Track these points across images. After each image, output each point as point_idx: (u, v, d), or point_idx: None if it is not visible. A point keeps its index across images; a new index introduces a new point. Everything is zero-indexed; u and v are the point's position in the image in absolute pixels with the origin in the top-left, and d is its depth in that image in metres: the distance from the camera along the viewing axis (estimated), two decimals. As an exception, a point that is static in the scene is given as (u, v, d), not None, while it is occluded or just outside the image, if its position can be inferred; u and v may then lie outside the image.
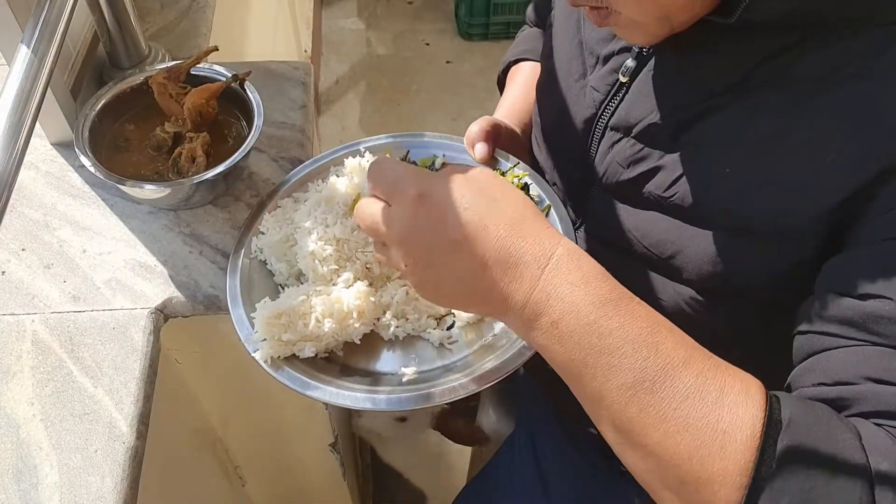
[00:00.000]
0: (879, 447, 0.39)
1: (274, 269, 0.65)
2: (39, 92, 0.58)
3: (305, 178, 0.71)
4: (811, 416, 0.41)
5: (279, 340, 0.58)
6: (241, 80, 0.78)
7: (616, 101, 0.60)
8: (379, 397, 0.55)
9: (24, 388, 0.62)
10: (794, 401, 0.42)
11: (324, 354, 0.60)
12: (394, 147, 0.72)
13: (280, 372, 0.57)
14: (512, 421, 0.91)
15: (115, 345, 0.65)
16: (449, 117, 2.34)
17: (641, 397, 0.42)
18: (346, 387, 0.56)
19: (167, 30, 0.98)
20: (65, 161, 0.81)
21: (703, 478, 0.40)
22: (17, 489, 0.57)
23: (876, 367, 0.42)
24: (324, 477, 1.09)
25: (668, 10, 0.50)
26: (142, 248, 0.74)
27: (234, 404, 0.93)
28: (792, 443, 0.39)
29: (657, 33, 0.52)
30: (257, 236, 0.67)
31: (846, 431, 0.40)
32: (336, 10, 2.77)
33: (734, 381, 0.42)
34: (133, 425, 0.61)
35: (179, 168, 0.74)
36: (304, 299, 0.59)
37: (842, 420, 0.41)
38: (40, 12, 0.61)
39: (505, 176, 0.68)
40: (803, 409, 0.41)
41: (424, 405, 0.55)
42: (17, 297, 0.69)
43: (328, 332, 0.59)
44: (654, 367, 0.42)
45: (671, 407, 0.41)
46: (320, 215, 0.64)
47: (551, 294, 0.45)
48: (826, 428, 0.40)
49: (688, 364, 0.42)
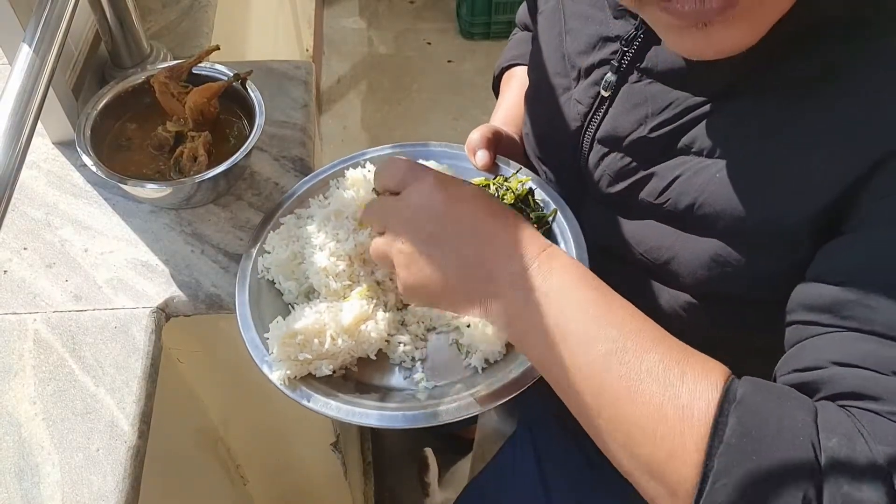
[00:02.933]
0: (834, 425, 0.39)
1: (283, 288, 0.65)
2: (41, 91, 0.58)
3: (306, 193, 0.71)
4: (764, 395, 0.41)
5: (295, 360, 0.57)
6: (242, 79, 0.78)
7: (600, 115, 0.60)
8: (394, 414, 0.55)
9: (26, 387, 0.62)
10: (753, 382, 0.42)
11: (340, 372, 0.60)
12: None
13: (297, 391, 0.57)
14: (513, 421, 0.91)
15: (117, 344, 0.65)
16: (450, 117, 2.34)
17: (615, 367, 0.44)
18: (361, 404, 0.56)
19: (169, 29, 0.98)
20: (66, 160, 0.81)
21: (666, 454, 0.41)
22: (19, 488, 0.57)
23: (841, 350, 0.42)
24: (325, 476, 1.09)
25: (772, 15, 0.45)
26: (143, 247, 0.74)
27: (235, 403, 0.93)
28: (741, 419, 0.40)
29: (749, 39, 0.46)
30: (263, 256, 0.66)
31: (800, 410, 0.40)
32: (337, 10, 2.77)
33: (696, 363, 0.43)
34: (134, 424, 0.61)
35: (181, 167, 0.74)
36: (317, 317, 0.58)
37: (800, 401, 0.41)
38: (42, 11, 0.61)
39: (508, 182, 0.67)
40: (758, 389, 0.42)
41: (434, 423, 0.55)
42: (18, 296, 0.69)
43: (343, 349, 0.58)
44: (628, 341, 0.45)
45: (638, 379, 0.43)
46: (331, 230, 0.63)
47: (551, 267, 0.49)
48: (778, 407, 0.40)
49: (656, 343, 0.44)
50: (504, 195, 0.65)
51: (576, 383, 0.46)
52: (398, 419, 0.55)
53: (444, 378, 0.60)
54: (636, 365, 0.44)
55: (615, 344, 0.45)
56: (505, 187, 0.66)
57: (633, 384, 0.43)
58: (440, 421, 0.55)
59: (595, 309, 0.47)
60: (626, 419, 0.44)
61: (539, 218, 0.65)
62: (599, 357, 0.45)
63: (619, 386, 0.44)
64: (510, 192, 0.66)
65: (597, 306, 0.47)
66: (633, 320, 0.46)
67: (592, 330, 0.46)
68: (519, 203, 0.66)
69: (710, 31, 0.44)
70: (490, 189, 0.67)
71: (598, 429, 0.46)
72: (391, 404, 0.57)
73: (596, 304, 0.47)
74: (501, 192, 0.66)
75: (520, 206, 0.66)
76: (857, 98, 0.45)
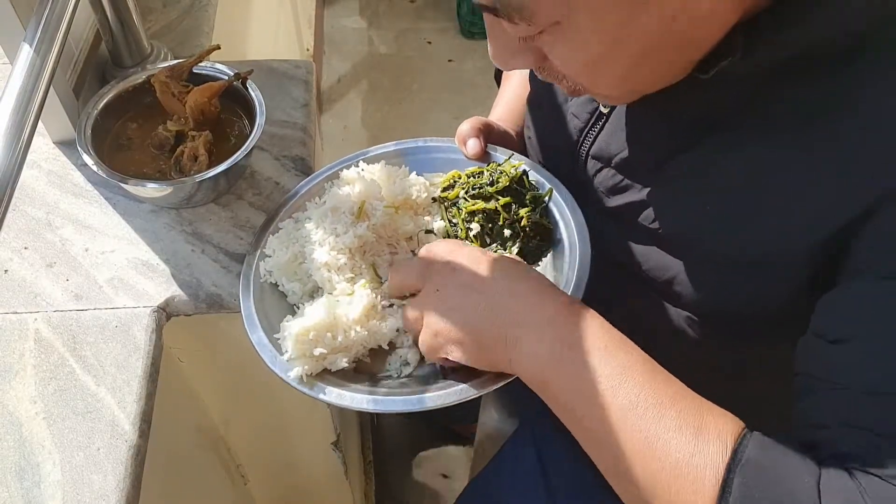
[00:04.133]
0: (836, 489, 0.40)
1: (287, 289, 0.65)
2: (42, 91, 0.58)
3: (304, 196, 0.71)
4: (770, 456, 0.43)
5: (311, 357, 0.57)
6: (243, 78, 0.78)
7: (596, 130, 0.60)
8: (385, 398, 0.56)
9: (27, 387, 0.63)
10: (761, 442, 0.44)
11: (352, 364, 0.60)
12: (390, 158, 0.72)
13: (315, 388, 0.57)
14: (514, 419, 0.91)
15: (118, 343, 0.65)
16: (451, 116, 2.33)
17: (633, 421, 0.45)
18: (384, 392, 0.57)
19: (169, 28, 0.98)
20: (67, 160, 0.81)
21: None
22: (20, 487, 0.57)
23: (848, 411, 0.43)
24: (326, 475, 1.09)
25: (636, 87, 0.51)
26: (144, 246, 0.74)
27: (236, 402, 0.93)
28: (746, 482, 0.42)
29: (630, 99, 0.53)
30: (264, 260, 0.66)
31: (804, 472, 0.41)
32: (338, 9, 2.77)
33: (711, 420, 0.45)
34: (135, 423, 0.61)
35: (181, 167, 0.74)
36: (327, 311, 0.58)
37: (805, 462, 0.42)
38: (42, 11, 0.61)
39: (502, 166, 0.67)
40: (766, 448, 0.43)
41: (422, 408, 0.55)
42: (19, 295, 0.69)
43: (357, 340, 0.58)
44: (647, 396, 0.46)
45: (655, 436, 0.45)
46: (329, 226, 0.63)
47: (577, 319, 0.50)
48: (784, 468, 0.42)
49: (675, 400, 0.46)
50: (499, 178, 0.66)
51: (595, 434, 0.48)
52: (412, 402, 0.55)
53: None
54: (654, 422, 0.45)
55: (635, 398, 0.46)
56: (499, 171, 0.67)
57: (650, 440, 0.45)
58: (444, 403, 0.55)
59: (615, 362, 0.48)
60: (642, 474, 0.45)
61: (535, 198, 0.65)
62: (618, 411, 0.46)
63: (635, 441, 0.45)
64: (504, 175, 0.66)
65: (617, 360, 0.48)
66: (653, 375, 0.47)
67: (614, 383, 0.47)
68: (514, 185, 0.66)
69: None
70: (484, 176, 0.67)
71: (615, 480, 0.48)
72: (404, 390, 0.57)
73: (616, 358, 0.48)
74: (496, 177, 0.66)
75: (515, 187, 0.66)
76: (849, 134, 0.45)
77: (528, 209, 0.64)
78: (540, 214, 0.64)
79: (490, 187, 0.65)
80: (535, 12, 0.42)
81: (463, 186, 0.67)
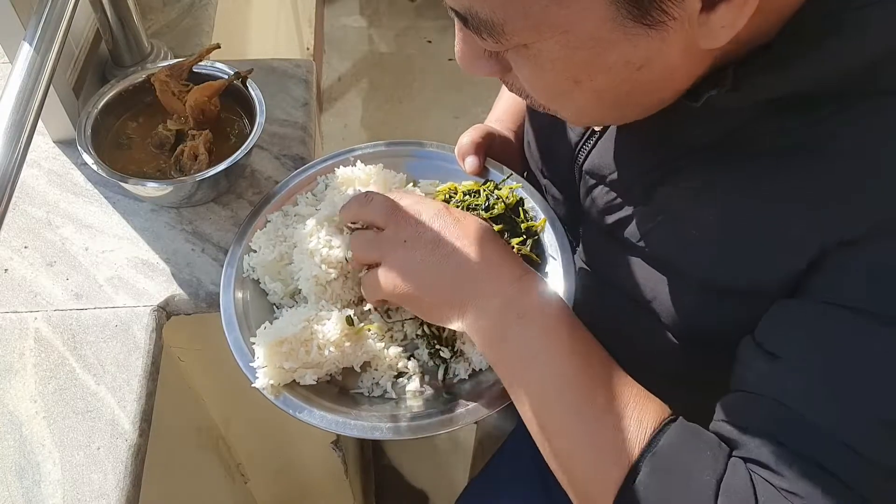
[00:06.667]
0: (734, 491, 0.43)
1: (268, 288, 0.64)
2: (42, 90, 0.58)
3: (294, 188, 0.70)
4: (683, 447, 0.45)
5: (280, 368, 0.57)
6: (243, 77, 0.78)
7: (589, 146, 0.60)
8: (383, 425, 0.57)
9: (27, 386, 0.63)
10: (679, 432, 0.46)
11: (324, 378, 0.60)
12: (385, 157, 0.72)
13: (279, 398, 0.57)
14: (513, 419, 0.91)
15: (118, 342, 0.65)
16: (451, 115, 2.33)
17: (567, 398, 0.49)
18: (342, 412, 0.57)
19: (169, 27, 0.98)
20: (67, 159, 0.81)
21: (595, 486, 0.47)
22: (20, 486, 0.57)
23: (765, 417, 0.46)
24: (326, 474, 1.10)
25: (602, 119, 0.54)
26: (144, 245, 0.74)
27: (236, 401, 0.93)
28: (651, 471, 0.45)
29: (598, 125, 0.57)
30: (249, 254, 0.66)
31: (710, 469, 0.44)
32: (338, 8, 2.77)
33: (639, 405, 0.48)
34: (135, 423, 0.61)
35: (182, 166, 0.74)
36: (305, 325, 0.58)
37: (715, 457, 0.45)
38: (43, 10, 0.61)
39: (499, 188, 0.67)
40: (682, 438, 0.46)
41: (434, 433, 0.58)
42: (19, 294, 0.69)
43: (330, 359, 0.58)
44: (582, 376, 0.49)
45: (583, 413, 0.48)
46: (324, 237, 0.62)
47: (528, 290, 0.53)
48: (691, 463, 0.45)
49: (608, 383, 0.49)
50: (495, 204, 0.65)
51: (529, 406, 0.51)
52: (379, 431, 0.56)
53: (428, 391, 0.60)
54: (585, 401, 0.48)
55: (571, 377, 0.49)
56: (496, 196, 0.66)
57: (579, 416, 0.48)
58: (422, 434, 0.57)
59: (558, 339, 0.51)
60: (566, 447, 0.49)
61: (528, 229, 0.65)
62: (552, 387, 0.49)
63: (565, 414, 0.49)
64: (500, 201, 0.65)
65: (559, 337, 0.51)
66: (591, 356, 0.51)
67: (553, 360, 0.50)
68: (509, 212, 0.65)
69: None
70: (480, 196, 0.66)
71: (544, 449, 0.51)
72: (374, 413, 0.58)
73: (559, 335, 0.51)
74: (492, 201, 0.65)
75: (510, 216, 0.65)
76: (819, 178, 0.45)
77: (519, 240, 0.63)
78: (530, 247, 0.64)
79: (485, 212, 0.64)
80: (505, 34, 0.42)
81: (458, 205, 0.65)
